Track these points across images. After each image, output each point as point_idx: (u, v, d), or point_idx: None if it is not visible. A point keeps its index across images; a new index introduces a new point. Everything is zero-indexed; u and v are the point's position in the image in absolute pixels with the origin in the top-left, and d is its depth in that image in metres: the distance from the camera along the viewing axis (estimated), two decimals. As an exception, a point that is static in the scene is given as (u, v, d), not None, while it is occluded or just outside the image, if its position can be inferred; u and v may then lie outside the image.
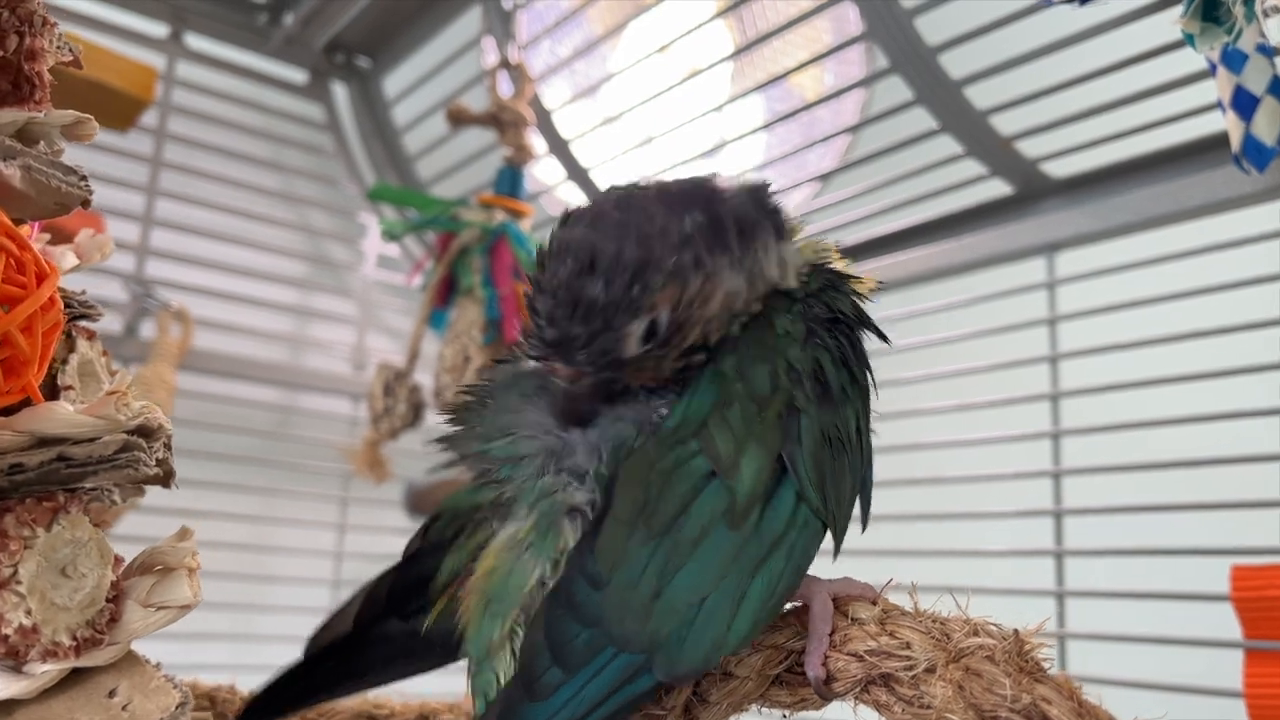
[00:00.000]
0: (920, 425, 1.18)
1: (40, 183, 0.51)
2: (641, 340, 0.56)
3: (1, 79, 0.52)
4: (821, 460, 0.54)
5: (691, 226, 0.56)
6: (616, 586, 0.50)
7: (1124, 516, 1.04)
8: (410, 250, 1.68)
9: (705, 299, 0.56)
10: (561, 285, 0.55)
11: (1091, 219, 1.05)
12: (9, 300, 0.50)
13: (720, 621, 0.50)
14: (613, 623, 0.49)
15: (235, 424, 1.50)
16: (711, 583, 0.50)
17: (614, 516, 0.52)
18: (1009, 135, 1.10)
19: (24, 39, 0.52)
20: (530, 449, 0.57)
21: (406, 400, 1.29)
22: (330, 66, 1.67)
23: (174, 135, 1.47)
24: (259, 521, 1.51)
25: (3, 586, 0.47)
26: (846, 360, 0.58)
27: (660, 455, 0.53)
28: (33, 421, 0.49)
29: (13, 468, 0.48)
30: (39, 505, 0.50)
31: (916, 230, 1.23)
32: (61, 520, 0.50)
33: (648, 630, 0.49)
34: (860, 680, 0.52)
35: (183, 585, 0.55)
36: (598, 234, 0.55)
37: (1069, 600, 1.04)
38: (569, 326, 0.55)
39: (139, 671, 0.53)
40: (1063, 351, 1.07)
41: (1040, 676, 0.48)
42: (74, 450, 0.50)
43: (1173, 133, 1.00)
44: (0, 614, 0.47)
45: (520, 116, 1.31)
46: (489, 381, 0.62)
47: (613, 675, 0.48)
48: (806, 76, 1.34)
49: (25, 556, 0.48)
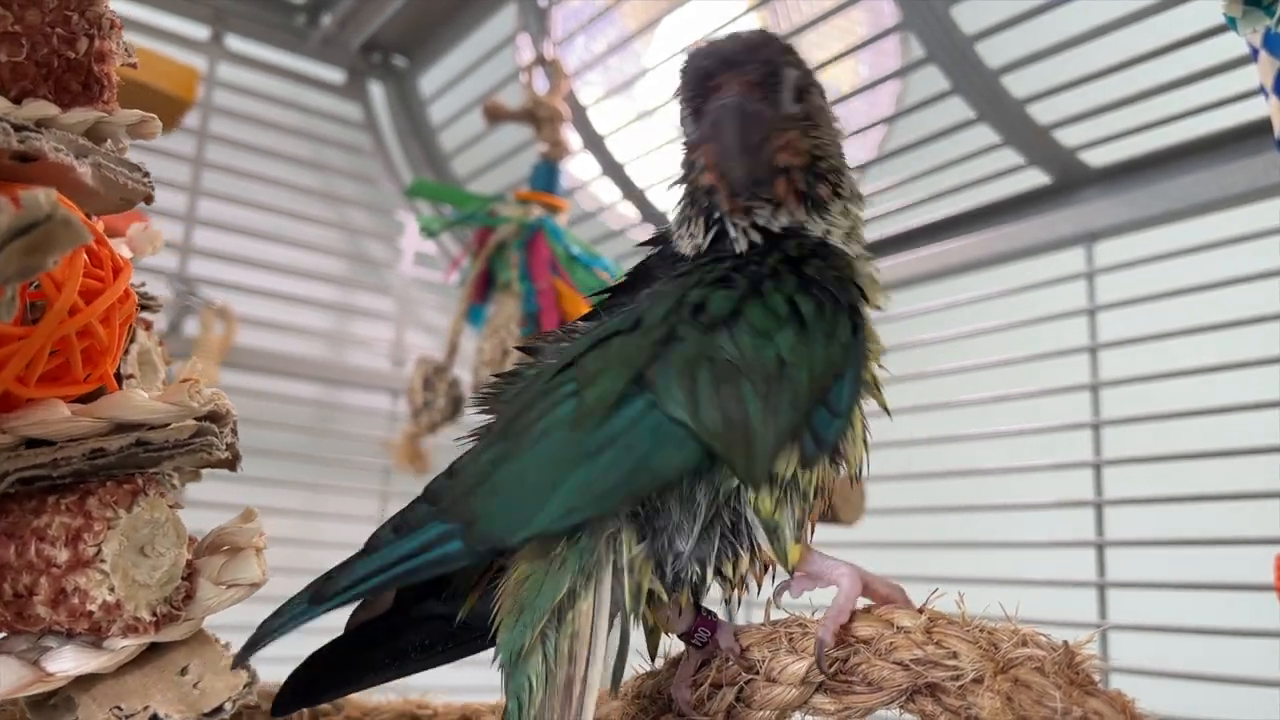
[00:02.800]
0: (960, 416, 1.17)
1: (109, 179, 0.54)
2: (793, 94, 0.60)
3: (72, 80, 0.55)
4: (692, 378, 0.54)
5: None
6: (458, 470, 0.56)
7: (1165, 507, 1.03)
8: (447, 247, 1.69)
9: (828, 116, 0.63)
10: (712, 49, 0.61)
11: (1131, 208, 1.04)
12: (89, 293, 0.53)
13: (532, 502, 0.52)
14: (445, 500, 0.54)
15: (277, 420, 1.52)
16: (536, 471, 0.53)
17: (489, 430, 0.58)
18: (1047, 124, 1.09)
19: (94, 41, 0.54)
20: None
21: (446, 394, 1.31)
22: (367, 66, 1.68)
23: (215, 135, 1.50)
24: (301, 516, 1.52)
25: (88, 565, 0.50)
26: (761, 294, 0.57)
27: (543, 383, 0.57)
28: (112, 408, 0.52)
29: (94, 452, 0.51)
30: (119, 488, 0.52)
31: (954, 221, 1.22)
32: (141, 502, 0.53)
33: (467, 505, 0.53)
34: (905, 689, 0.51)
35: (252, 564, 0.58)
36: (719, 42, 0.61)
37: (1110, 591, 1.03)
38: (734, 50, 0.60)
39: (209, 650, 0.56)
40: (1102, 341, 1.06)
41: (1092, 689, 0.46)
42: (151, 435, 0.53)
43: (1213, 119, 0.99)
44: (85, 591, 0.49)
45: (556, 112, 1.32)
46: (516, 371, 0.63)
47: (426, 536, 0.53)
48: (841, 68, 1.34)
49: (108, 536, 0.51)
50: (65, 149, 0.50)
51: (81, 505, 0.51)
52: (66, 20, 0.54)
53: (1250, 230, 0.95)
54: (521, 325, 1.22)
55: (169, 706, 0.52)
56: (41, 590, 0.50)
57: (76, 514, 0.51)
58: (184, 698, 0.53)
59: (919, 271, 1.21)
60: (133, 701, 0.52)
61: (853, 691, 0.53)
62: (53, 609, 0.50)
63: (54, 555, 0.50)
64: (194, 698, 0.53)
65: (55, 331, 0.51)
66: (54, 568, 0.50)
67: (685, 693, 0.60)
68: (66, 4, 0.53)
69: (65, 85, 0.55)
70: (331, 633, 0.64)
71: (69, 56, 0.54)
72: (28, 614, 0.51)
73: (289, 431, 1.53)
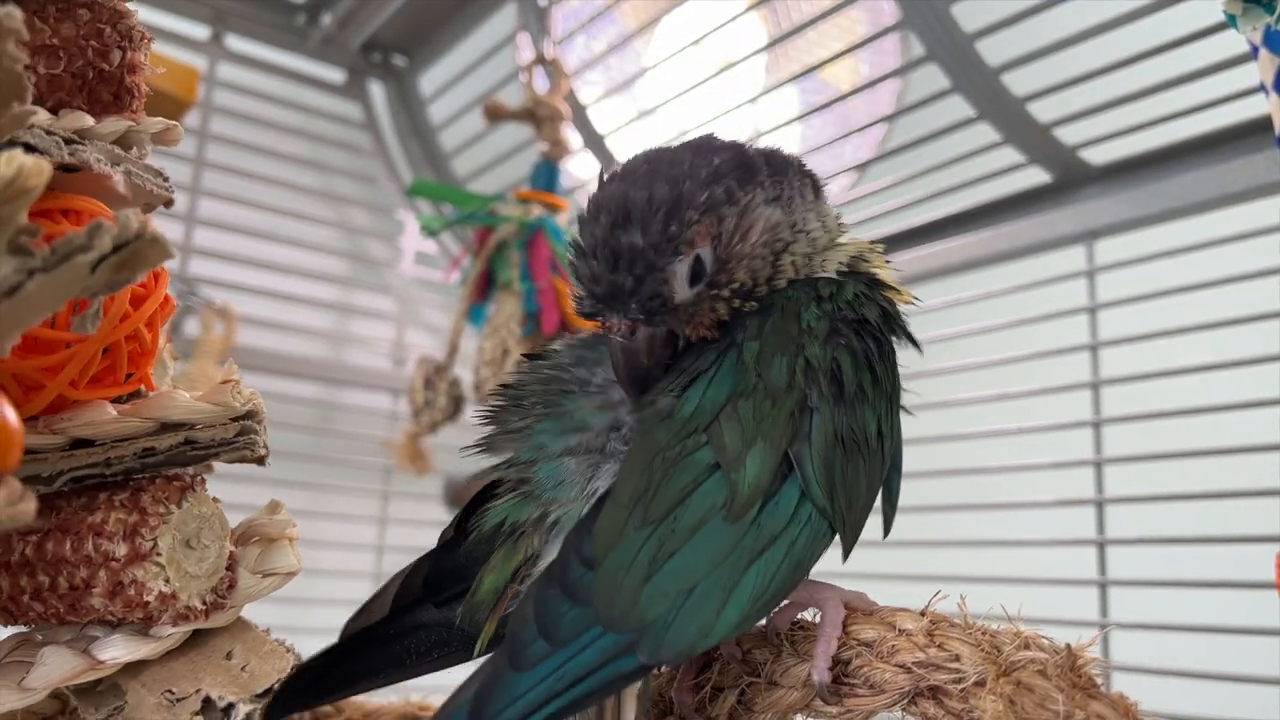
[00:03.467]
0: (961, 415, 1.17)
1: (137, 185, 0.56)
2: (689, 280, 0.56)
3: (104, 90, 0.57)
4: (831, 460, 0.54)
5: (719, 164, 0.57)
6: (609, 568, 0.50)
7: (1167, 504, 1.03)
8: (448, 246, 1.69)
9: (745, 231, 0.57)
10: (601, 240, 0.56)
11: (1131, 206, 1.04)
12: (135, 299, 0.55)
13: (709, 610, 0.50)
14: (602, 603, 0.49)
15: (279, 419, 1.51)
16: (703, 571, 0.50)
17: (614, 500, 0.52)
18: (1047, 122, 1.09)
19: (125, 53, 0.56)
20: (573, 469, 0.57)
21: (446, 394, 1.31)
22: (367, 65, 1.68)
23: (216, 135, 1.50)
24: (302, 515, 1.51)
25: (145, 558, 0.52)
26: (870, 362, 0.57)
27: (668, 444, 0.53)
28: (158, 409, 0.55)
29: (145, 451, 0.54)
30: (169, 484, 0.55)
31: (954, 219, 1.22)
32: (189, 497, 0.56)
33: (635, 612, 0.49)
34: (907, 692, 0.51)
35: (287, 553, 0.61)
36: (628, 185, 0.56)
37: (1111, 589, 1.03)
38: (615, 277, 0.55)
39: (252, 635, 0.59)
40: (1103, 339, 1.06)
41: (1094, 693, 0.46)
42: (199, 434, 0.55)
43: (1214, 117, 0.99)
44: (143, 583, 0.52)
45: (556, 112, 1.32)
46: (523, 379, 0.63)
47: (597, 653, 0.49)
48: (841, 67, 1.34)
49: (163, 530, 0.53)
50: (104, 159, 0.53)
51: (136, 502, 0.54)
52: (100, 33, 0.56)
53: (1251, 228, 0.95)
54: (522, 324, 1.22)
55: (221, 689, 0.55)
56: (100, 583, 0.52)
57: (132, 510, 0.53)
58: (234, 680, 0.56)
59: (920, 270, 1.21)
60: (184, 685, 0.55)
61: (855, 694, 0.53)
62: (110, 600, 0.53)
63: (112, 550, 0.52)
64: (243, 680, 0.56)
65: (109, 337, 0.53)
66: (113, 561, 0.52)
67: (687, 697, 0.60)
68: (99, 17, 0.56)
69: (97, 95, 0.57)
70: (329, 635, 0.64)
71: (103, 68, 0.56)
72: (82, 605, 0.53)
73: (290, 431, 1.53)
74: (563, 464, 0.57)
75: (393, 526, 1.61)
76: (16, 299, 0.35)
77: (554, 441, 0.58)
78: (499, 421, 0.61)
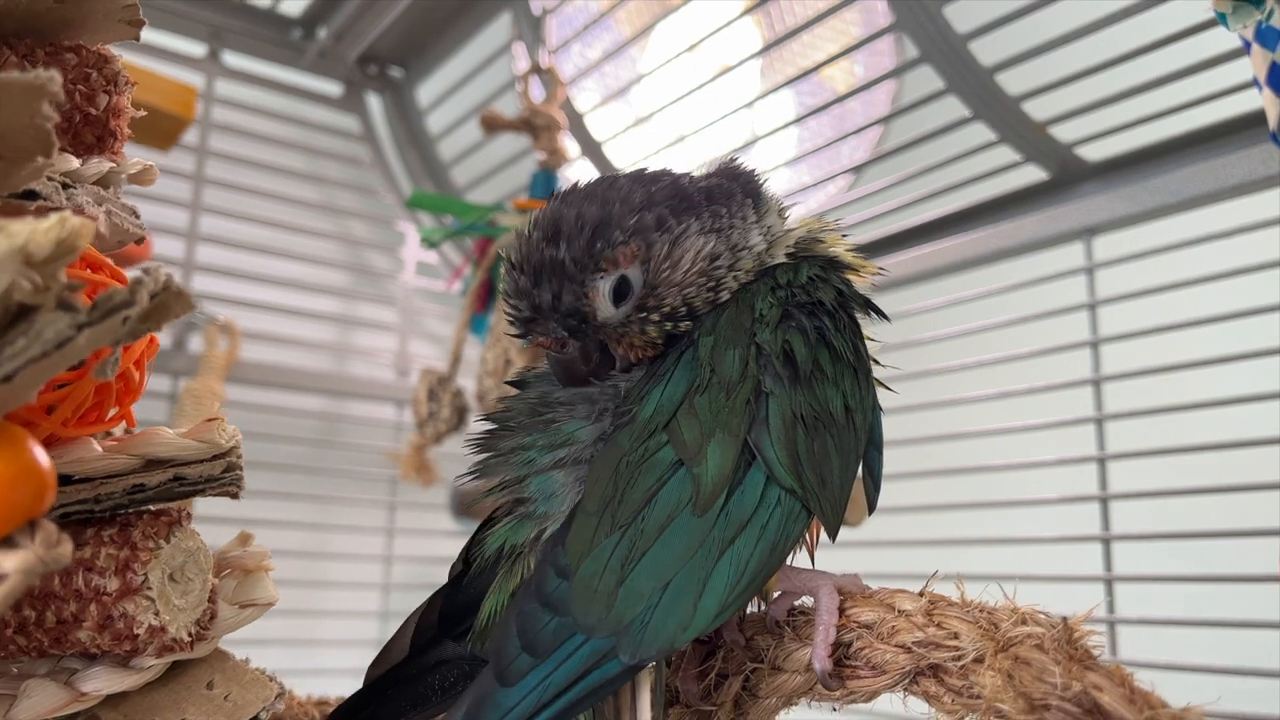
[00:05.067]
0: (962, 414, 1.18)
1: (116, 225, 0.57)
2: (613, 300, 0.58)
3: (90, 133, 0.58)
4: (793, 440, 0.54)
5: (654, 192, 0.59)
6: (583, 576, 0.51)
7: (1170, 499, 1.03)
8: (449, 257, 1.70)
9: (675, 261, 0.58)
10: (528, 255, 0.58)
11: (1129, 202, 1.05)
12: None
13: (685, 603, 0.50)
14: (579, 610, 0.50)
15: (283, 433, 1.52)
16: (675, 566, 0.51)
17: (583, 510, 0.53)
18: (1042, 120, 1.09)
19: (111, 98, 0.57)
20: (561, 481, 0.57)
21: (450, 404, 1.31)
22: (364, 78, 1.69)
23: (215, 152, 1.50)
24: (309, 528, 1.53)
25: (135, 592, 0.53)
26: (826, 339, 0.57)
27: (630, 447, 0.54)
28: (144, 445, 0.55)
29: (134, 488, 0.55)
30: (157, 520, 0.56)
31: (952, 219, 1.22)
32: (176, 532, 0.56)
33: (612, 616, 0.50)
34: (909, 672, 0.52)
35: (265, 585, 0.61)
36: (563, 205, 0.58)
37: (1118, 585, 1.03)
38: (537, 294, 0.57)
39: (231, 665, 0.59)
40: (1104, 336, 1.07)
41: (1090, 664, 0.47)
42: (187, 471, 0.56)
43: (1208, 112, 1.00)
44: (133, 616, 0.53)
45: (553, 120, 1.32)
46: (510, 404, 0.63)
47: (580, 660, 0.49)
48: (836, 69, 1.34)
49: (153, 565, 0.54)
50: (91, 200, 0.54)
51: (126, 537, 0.54)
52: (86, 78, 0.57)
53: (1248, 222, 0.95)
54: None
55: (205, 718, 0.55)
56: (90, 617, 0.53)
57: (122, 545, 0.54)
58: (218, 709, 0.56)
59: (918, 270, 1.21)
60: (168, 715, 0.56)
61: (857, 676, 0.54)
62: (98, 633, 0.53)
63: (103, 584, 0.53)
64: (227, 709, 0.56)
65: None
66: (104, 596, 0.53)
67: (692, 685, 0.61)
68: (85, 62, 0.56)
69: (82, 138, 0.58)
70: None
71: (89, 112, 0.57)
72: (68, 639, 0.53)
73: (295, 444, 1.54)
74: (552, 477, 0.57)
75: (400, 537, 1.61)
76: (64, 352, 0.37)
77: (543, 456, 0.58)
78: (490, 447, 0.62)
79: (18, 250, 0.35)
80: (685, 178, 0.61)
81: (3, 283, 0.35)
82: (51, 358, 0.37)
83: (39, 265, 0.35)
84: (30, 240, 0.35)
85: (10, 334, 0.36)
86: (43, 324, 0.36)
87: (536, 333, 0.59)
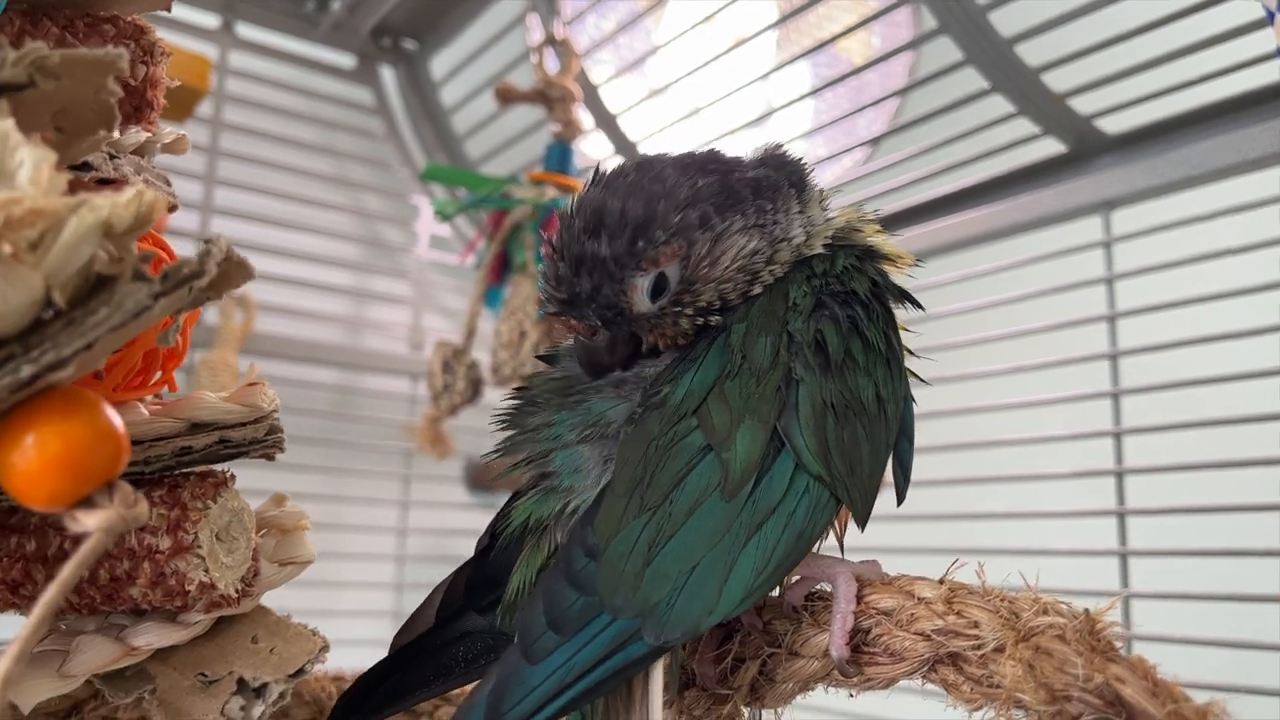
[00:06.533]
0: (979, 388, 1.17)
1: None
2: (650, 295, 0.58)
3: (128, 103, 0.59)
4: (823, 428, 0.54)
5: (700, 187, 0.58)
6: (611, 556, 0.51)
7: (1186, 474, 1.03)
8: (462, 230, 1.70)
9: (715, 259, 0.58)
10: (570, 244, 0.58)
11: (1148, 175, 1.03)
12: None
13: (711, 587, 0.51)
14: (606, 590, 0.50)
15: (298, 405, 1.52)
16: (703, 550, 0.51)
17: (612, 490, 0.53)
18: (1062, 92, 1.08)
19: (148, 68, 0.58)
20: (587, 455, 0.58)
21: (465, 377, 1.31)
22: (377, 50, 1.68)
23: (229, 124, 1.50)
24: (325, 500, 1.54)
25: (187, 550, 0.55)
26: (859, 328, 0.57)
27: (660, 431, 0.54)
28: (189, 409, 0.57)
29: (182, 450, 0.57)
30: (204, 481, 0.58)
31: (969, 192, 1.21)
32: (223, 493, 0.58)
33: (639, 597, 0.50)
34: (927, 659, 0.52)
35: (304, 543, 0.64)
36: (607, 194, 0.58)
37: (1132, 559, 1.03)
38: (576, 282, 0.57)
39: (274, 620, 0.62)
40: (1121, 310, 1.06)
41: (1113, 656, 0.46)
42: (232, 434, 0.58)
43: (1230, 84, 0.98)
44: (184, 574, 0.55)
45: (567, 92, 1.32)
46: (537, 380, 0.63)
47: (606, 640, 0.50)
48: (853, 40, 1.33)
49: (202, 524, 0.56)
50: (132, 170, 0.55)
51: (176, 498, 0.56)
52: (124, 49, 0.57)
53: (1269, 195, 0.94)
54: (538, 307, 1.23)
55: (254, 670, 0.58)
56: (143, 574, 0.55)
57: (173, 506, 0.56)
58: (264, 662, 0.58)
59: (935, 243, 1.21)
60: (216, 667, 0.58)
61: (875, 663, 0.54)
62: (151, 590, 0.55)
63: (155, 543, 0.55)
64: (274, 661, 0.59)
65: (148, 342, 0.56)
66: (157, 554, 0.55)
67: (709, 668, 0.61)
68: (123, 33, 0.57)
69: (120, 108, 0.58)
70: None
71: (127, 83, 0.57)
72: (120, 595, 0.56)
73: (310, 417, 1.54)
74: (578, 451, 0.58)
75: (415, 509, 1.62)
76: (140, 320, 0.39)
77: (570, 433, 0.58)
78: (516, 424, 0.62)
79: (102, 222, 0.36)
80: (733, 170, 0.60)
81: (86, 254, 0.36)
82: (129, 326, 0.38)
83: (116, 237, 0.37)
84: (112, 213, 0.36)
85: (91, 304, 0.38)
86: (123, 294, 0.38)
87: (572, 318, 0.59)
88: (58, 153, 0.36)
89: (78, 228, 0.35)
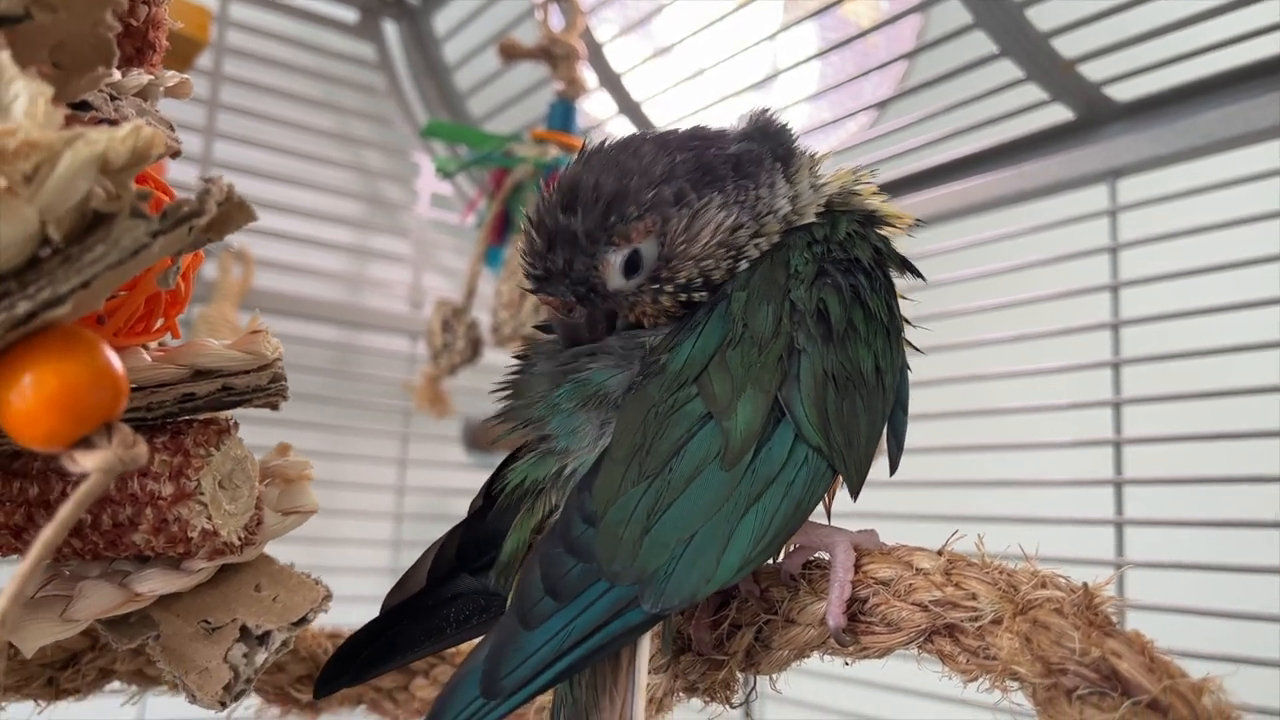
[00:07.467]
0: (980, 355, 1.17)
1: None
2: (624, 272, 0.58)
3: (130, 45, 0.58)
4: (823, 399, 0.54)
5: (677, 163, 0.58)
6: (609, 523, 0.51)
7: (1184, 445, 1.03)
8: (463, 189, 1.68)
9: (693, 235, 0.58)
10: (545, 218, 0.58)
11: (1155, 143, 1.03)
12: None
13: (710, 556, 0.51)
14: (604, 557, 0.51)
15: (297, 362, 1.52)
16: (701, 519, 0.51)
17: (611, 457, 0.53)
18: (1071, 58, 1.07)
19: (150, 8, 0.58)
20: (585, 419, 0.57)
21: (464, 336, 1.31)
22: (380, 5, 1.67)
23: (229, 77, 1.48)
24: (322, 457, 1.53)
25: (189, 497, 0.55)
26: (860, 298, 0.57)
27: (660, 398, 0.54)
28: (191, 356, 0.57)
29: (185, 396, 0.56)
30: (207, 428, 0.58)
31: (975, 158, 1.20)
32: (226, 440, 0.58)
33: (637, 564, 0.50)
34: (924, 630, 0.52)
35: (307, 493, 0.64)
36: (584, 169, 0.58)
37: (1128, 529, 1.03)
38: (550, 257, 0.58)
39: (277, 569, 0.62)
40: (1124, 280, 1.06)
41: (1110, 630, 0.46)
42: (236, 381, 0.58)
43: (1240, 52, 0.97)
44: (187, 520, 0.55)
45: (572, 50, 1.30)
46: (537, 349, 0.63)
47: (603, 607, 0.50)
48: (861, 3, 1.32)
49: (205, 471, 0.56)
50: (134, 112, 0.54)
51: (179, 444, 0.56)
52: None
53: (1277, 166, 0.93)
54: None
55: (257, 618, 0.58)
56: (145, 520, 0.55)
57: (176, 452, 0.56)
58: (267, 610, 0.59)
59: (940, 210, 1.20)
60: (219, 615, 0.58)
61: (871, 632, 0.54)
62: (153, 536, 0.55)
63: (158, 489, 0.55)
64: (276, 610, 0.59)
65: (151, 287, 0.55)
66: (159, 500, 0.55)
67: (705, 634, 0.61)
68: None
69: (122, 49, 0.58)
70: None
71: (130, 24, 0.57)
72: (123, 541, 0.55)
73: (309, 374, 1.54)
74: (575, 415, 0.58)
75: (413, 468, 1.62)
76: (139, 259, 0.38)
77: (569, 400, 0.58)
78: (517, 392, 0.62)
79: (98, 156, 0.35)
80: (713, 145, 0.60)
81: (82, 189, 0.36)
82: (127, 264, 0.38)
83: (113, 173, 0.36)
84: (109, 148, 0.36)
85: (88, 241, 0.37)
86: (120, 231, 0.38)
87: (547, 293, 0.59)
88: (55, 88, 0.35)
89: (73, 161, 0.35)
